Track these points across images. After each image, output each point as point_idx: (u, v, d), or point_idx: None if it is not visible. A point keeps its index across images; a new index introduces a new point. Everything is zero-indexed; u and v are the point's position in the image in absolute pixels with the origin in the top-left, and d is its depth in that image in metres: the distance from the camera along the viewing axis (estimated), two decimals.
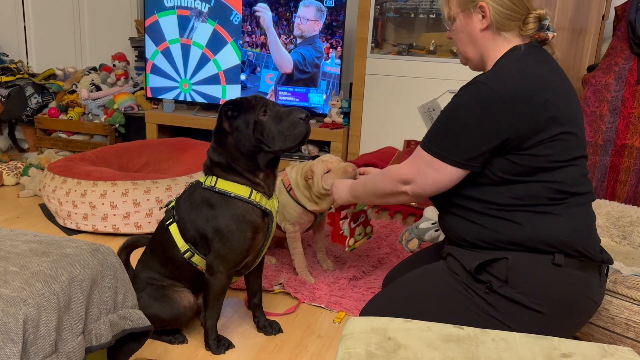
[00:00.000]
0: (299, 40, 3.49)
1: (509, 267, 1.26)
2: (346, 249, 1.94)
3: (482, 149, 1.26)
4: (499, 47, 1.33)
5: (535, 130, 1.23)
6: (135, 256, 1.82)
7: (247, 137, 1.54)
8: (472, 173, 1.32)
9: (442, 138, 1.31)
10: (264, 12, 3.47)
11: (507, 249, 1.28)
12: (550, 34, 1.33)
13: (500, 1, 1.30)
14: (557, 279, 1.25)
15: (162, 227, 1.68)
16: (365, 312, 1.45)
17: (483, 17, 1.32)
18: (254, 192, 1.58)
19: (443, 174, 1.31)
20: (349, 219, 1.89)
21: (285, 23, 3.48)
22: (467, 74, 2.78)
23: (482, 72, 1.34)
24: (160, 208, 1.77)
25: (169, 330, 1.71)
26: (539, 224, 1.27)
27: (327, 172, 1.98)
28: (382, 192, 1.49)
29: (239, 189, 1.57)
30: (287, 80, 3.58)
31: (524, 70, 1.26)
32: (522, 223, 1.27)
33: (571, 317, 1.30)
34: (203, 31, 3.70)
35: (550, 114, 1.23)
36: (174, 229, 1.63)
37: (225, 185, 1.57)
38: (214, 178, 1.59)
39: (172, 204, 1.69)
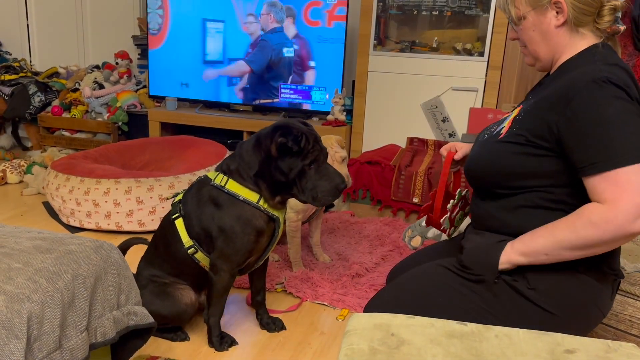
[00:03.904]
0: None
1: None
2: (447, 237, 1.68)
3: None
4: (575, 44, 1.27)
5: None
6: (131, 257, 1.82)
7: (285, 175, 1.53)
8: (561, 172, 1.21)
9: (628, 137, 1.11)
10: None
11: None
12: (621, 27, 1.27)
13: None
14: (574, 284, 1.24)
15: (168, 221, 1.67)
16: (368, 308, 1.45)
17: (558, 12, 1.26)
18: (262, 199, 1.57)
19: None
20: (448, 214, 1.58)
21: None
22: (470, 72, 2.78)
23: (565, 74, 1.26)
24: (167, 199, 1.74)
25: (171, 327, 1.72)
26: None
27: None
28: (587, 244, 1.16)
29: (248, 194, 1.56)
30: (258, 77, 3.63)
31: (622, 68, 1.21)
32: None
33: (577, 323, 1.28)
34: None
35: None
36: (179, 223, 1.63)
37: (235, 187, 1.56)
38: (225, 178, 1.58)
39: (179, 197, 1.69)
